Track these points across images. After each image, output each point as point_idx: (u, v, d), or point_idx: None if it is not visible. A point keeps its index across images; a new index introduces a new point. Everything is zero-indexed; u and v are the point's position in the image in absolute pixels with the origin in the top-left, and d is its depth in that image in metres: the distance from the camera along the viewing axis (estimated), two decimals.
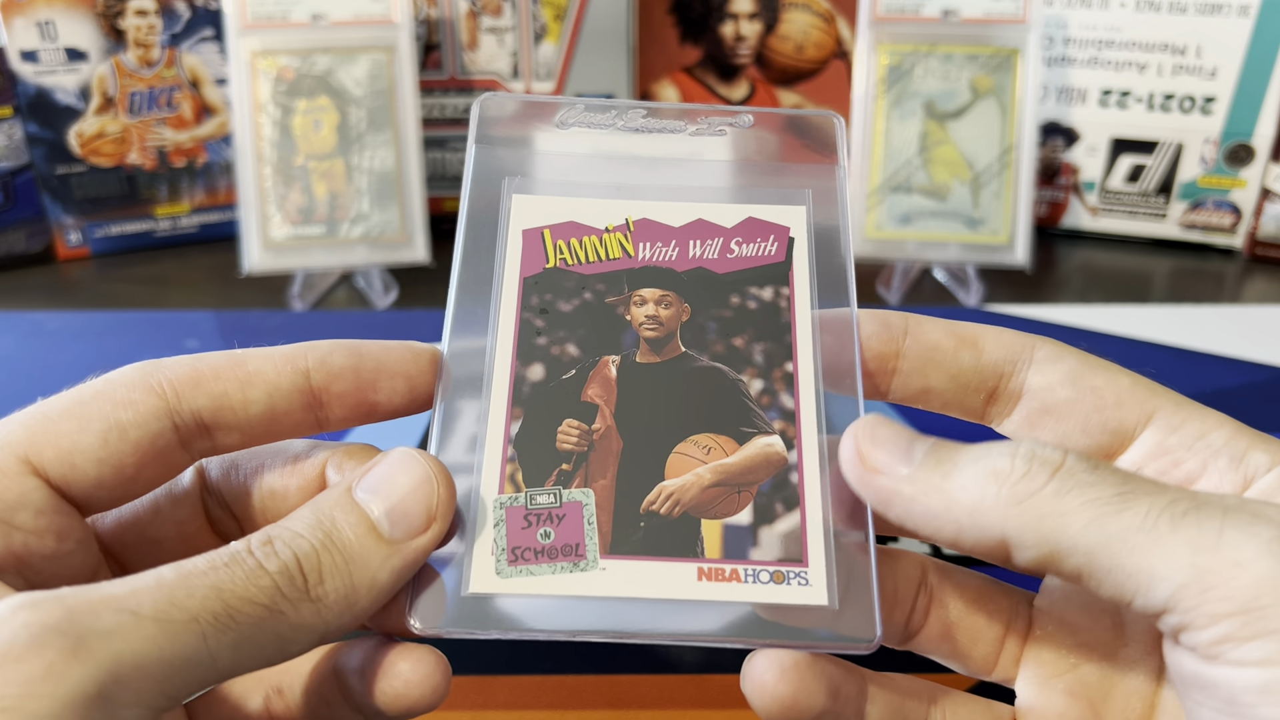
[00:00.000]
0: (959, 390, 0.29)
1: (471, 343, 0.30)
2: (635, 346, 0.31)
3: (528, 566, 0.27)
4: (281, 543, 0.24)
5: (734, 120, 0.34)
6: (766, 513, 0.28)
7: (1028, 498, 0.23)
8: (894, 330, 0.29)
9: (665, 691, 0.41)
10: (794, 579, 0.27)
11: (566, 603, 0.26)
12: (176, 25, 0.78)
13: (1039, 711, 0.28)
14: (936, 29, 0.75)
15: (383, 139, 0.74)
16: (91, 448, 0.26)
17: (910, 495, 0.25)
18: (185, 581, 0.22)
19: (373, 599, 0.25)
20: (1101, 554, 0.22)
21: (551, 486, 0.28)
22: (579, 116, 0.34)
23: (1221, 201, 0.81)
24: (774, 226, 0.33)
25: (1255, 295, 0.78)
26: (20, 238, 0.79)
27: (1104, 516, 0.22)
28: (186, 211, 0.83)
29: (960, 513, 0.24)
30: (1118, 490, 0.23)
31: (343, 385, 0.28)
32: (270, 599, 0.23)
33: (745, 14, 0.84)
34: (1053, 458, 0.24)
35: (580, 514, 0.28)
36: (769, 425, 0.29)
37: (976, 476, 0.24)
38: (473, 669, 0.42)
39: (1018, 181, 0.74)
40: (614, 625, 0.26)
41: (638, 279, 0.32)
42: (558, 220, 0.32)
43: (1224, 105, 0.78)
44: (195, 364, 0.27)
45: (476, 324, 0.31)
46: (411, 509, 0.26)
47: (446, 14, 0.82)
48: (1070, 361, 0.29)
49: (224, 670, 0.22)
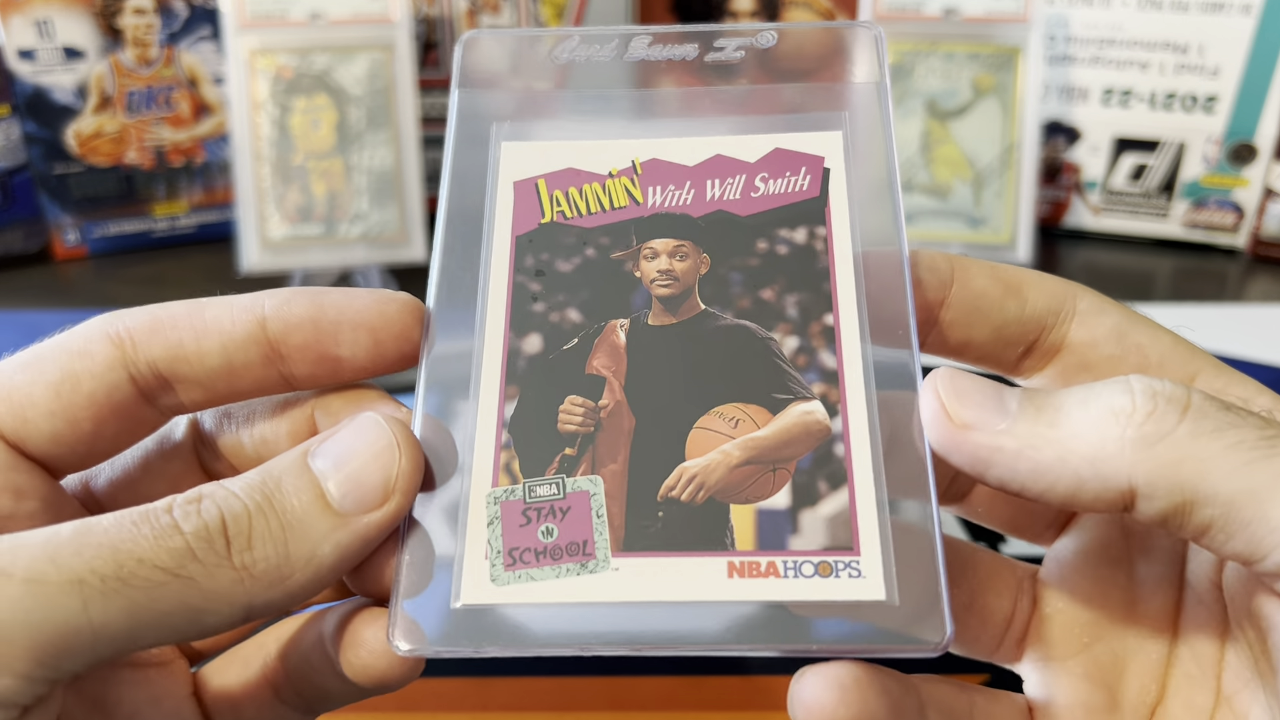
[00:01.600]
0: (999, 344, 0.27)
1: (458, 313, 0.26)
2: (647, 307, 0.27)
3: (528, 570, 0.23)
4: (211, 501, 0.21)
5: (753, 40, 0.29)
6: (808, 493, 0.24)
7: (1160, 440, 0.21)
8: (941, 274, 0.27)
9: (665, 692, 0.41)
10: (844, 570, 0.23)
11: (574, 610, 0.23)
12: (174, 24, 0.78)
13: (1055, 698, 0.27)
14: (938, 27, 0.75)
15: (381, 138, 0.74)
16: (44, 400, 0.24)
17: (1015, 450, 0.22)
18: (76, 539, 0.20)
19: (310, 575, 0.22)
20: (1246, 504, 0.20)
21: (553, 475, 0.24)
22: (575, 50, 0.29)
23: (1224, 201, 0.81)
24: (805, 157, 0.28)
25: (1258, 295, 0.77)
26: (18, 237, 0.79)
27: (1252, 463, 0.20)
28: (184, 211, 0.83)
29: (1078, 463, 0.21)
30: (1264, 434, 0.20)
31: (301, 336, 0.25)
32: (177, 562, 0.20)
33: (745, 12, 0.83)
34: (1179, 394, 0.21)
35: (588, 506, 0.24)
36: (807, 389, 0.25)
37: (1092, 419, 0.21)
38: (472, 670, 0.42)
39: (1020, 181, 0.74)
40: (630, 635, 0.23)
41: (647, 229, 0.28)
42: (554, 168, 0.28)
43: (1227, 104, 0.78)
44: (156, 312, 0.25)
45: (463, 292, 0.27)
46: (367, 479, 0.23)
47: (445, 12, 0.81)
48: (1114, 315, 0.27)
49: (116, 640, 0.20)
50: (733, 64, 0.30)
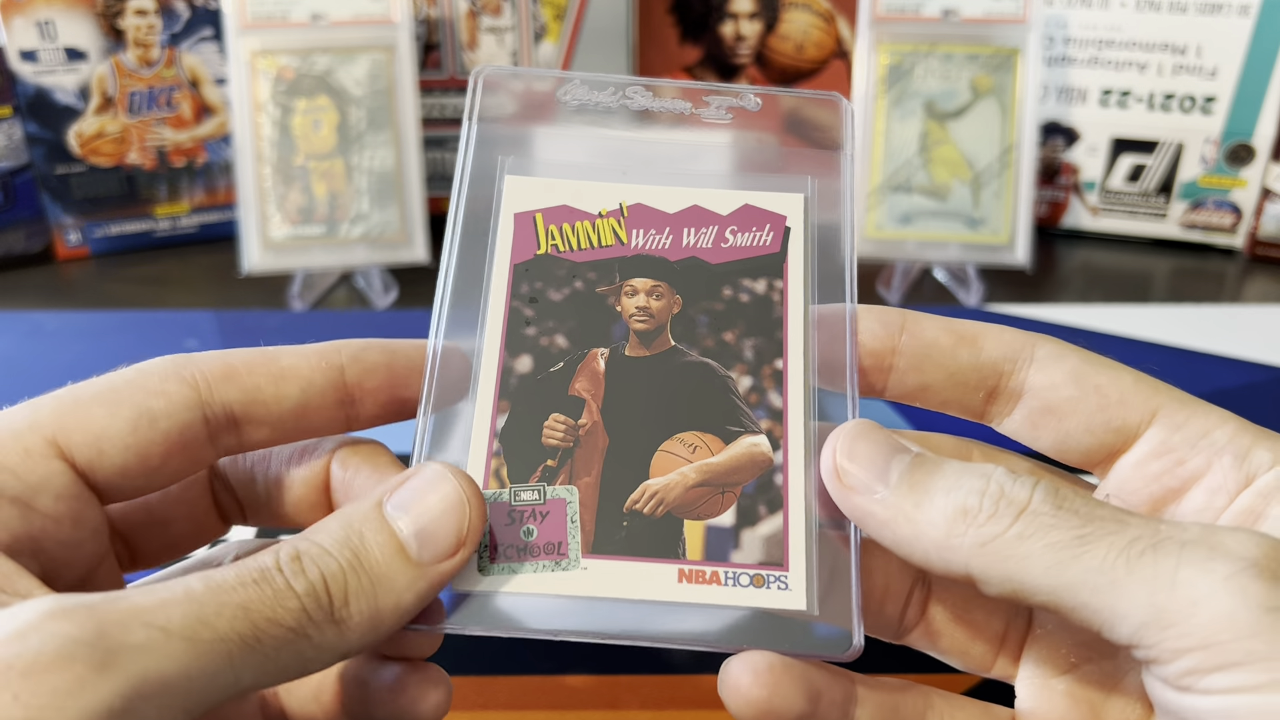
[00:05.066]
0: (957, 388, 0.29)
1: (462, 333, 0.29)
2: (625, 339, 0.30)
3: (510, 564, 0.27)
4: (309, 559, 0.23)
5: (739, 101, 0.32)
6: (750, 514, 0.28)
7: (991, 540, 0.24)
8: (890, 327, 0.29)
9: (665, 691, 0.41)
10: (774, 583, 0.27)
11: (548, 602, 0.26)
12: (176, 25, 0.78)
13: (1039, 714, 0.28)
14: (937, 29, 0.75)
15: (382, 139, 0.74)
16: (120, 434, 0.25)
17: (883, 520, 0.25)
18: (214, 598, 0.21)
19: (396, 621, 0.24)
20: (1065, 595, 0.23)
21: (536, 483, 0.28)
22: (577, 93, 0.32)
23: (1222, 201, 0.81)
24: (770, 215, 0.31)
25: (1256, 295, 0.78)
26: (20, 237, 0.79)
27: (1064, 561, 0.23)
28: (186, 211, 0.83)
29: (928, 545, 0.24)
30: (1077, 533, 0.23)
31: (376, 381, 0.28)
32: (297, 621, 0.22)
33: (745, 13, 0.84)
34: (1019, 497, 0.24)
35: (564, 512, 0.27)
36: (755, 424, 0.29)
37: (946, 512, 0.24)
38: (473, 669, 0.42)
39: (1018, 181, 0.74)
40: (595, 626, 0.26)
41: (630, 268, 0.31)
42: (551, 204, 0.31)
43: (1224, 105, 0.78)
44: (228, 358, 0.27)
45: (468, 313, 0.30)
46: (441, 531, 0.25)
47: (446, 13, 0.82)
48: (1073, 359, 0.28)
49: (245, 687, 0.22)
50: (719, 122, 0.32)
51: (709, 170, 0.32)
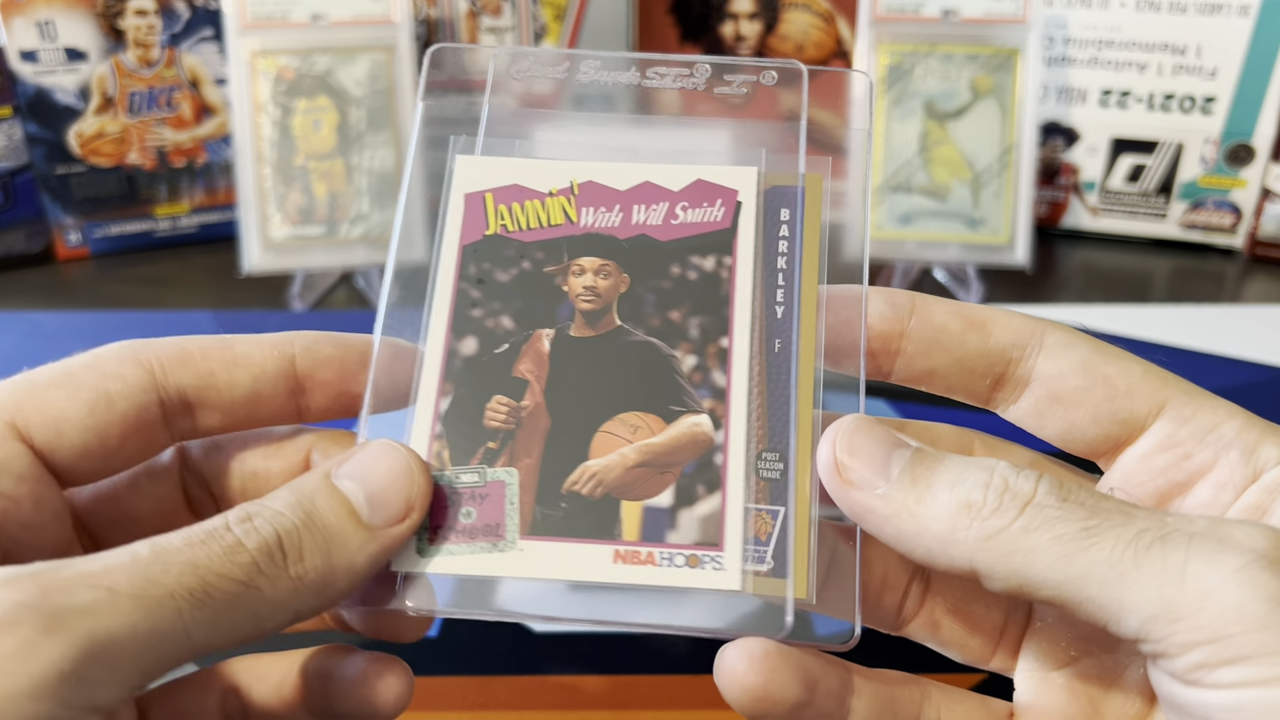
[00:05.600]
0: (964, 374, 0.29)
1: (408, 317, 0.29)
2: (571, 320, 0.29)
3: (448, 545, 0.27)
4: (262, 519, 0.24)
5: (690, 73, 0.31)
6: (688, 494, 0.27)
7: (996, 534, 0.23)
8: (900, 309, 0.29)
9: (665, 691, 0.41)
10: (709, 563, 0.27)
11: (485, 583, 0.27)
12: (176, 25, 0.78)
13: (1038, 708, 0.28)
14: (936, 29, 0.75)
15: (382, 139, 0.74)
16: (78, 416, 0.26)
17: (885, 515, 0.25)
18: (161, 557, 0.22)
19: (349, 582, 0.25)
20: (1071, 589, 0.23)
21: (476, 465, 0.28)
22: (529, 69, 0.31)
23: (1222, 201, 0.81)
24: (721, 189, 0.30)
25: (1255, 295, 0.78)
26: (20, 238, 0.79)
27: (1071, 554, 0.23)
28: (186, 211, 0.83)
29: (931, 540, 0.24)
30: (1084, 525, 0.23)
31: (327, 373, 0.29)
32: (248, 575, 0.23)
33: (745, 14, 0.84)
34: (1024, 490, 0.24)
35: (502, 494, 0.27)
36: (698, 404, 0.28)
37: (950, 506, 0.24)
38: (473, 669, 0.42)
39: (1018, 181, 0.74)
40: (531, 608, 0.27)
41: (578, 247, 0.30)
42: (501, 183, 0.31)
43: (1224, 105, 0.78)
44: (183, 344, 0.28)
45: (415, 294, 0.30)
46: (391, 497, 0.26)
47: (446, 14, 0.82)
48: (1082, 348, 0.28)
49: (198, 647, 0.22)
50: (671, 93, 0.31)
51: (663, 145, 0.31)
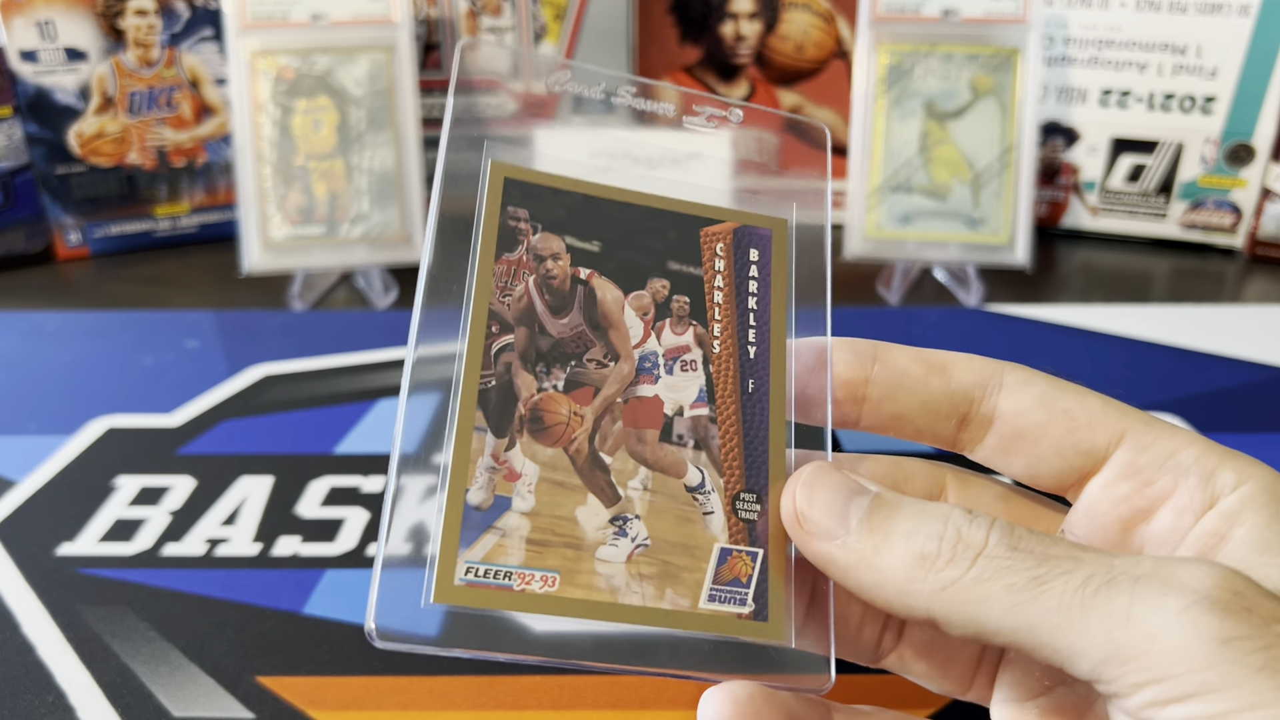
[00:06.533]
0: (930, 416, 0.30)
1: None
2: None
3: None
4: None
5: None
6: None
7: (951, 585, 0.24)
8: (863, 357, 0.30)
9: (665, 691, 0.41)
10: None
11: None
12: (176, 25, 0.78)
13: None
14: (936, 29, 0.75)
15: (383, 139, 0.74)
16: None
17: (844, 566, 0.26)
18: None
19: None
20: (1024, 635, 0.23)
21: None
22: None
23: (1222, 201, 0.81)
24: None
25: (1256, 295, 0.78)
26: (20, 237, 0.79)
27: (1022, 603, 0.23)
28: (186, 211, 0.83)
29: (890, 590, 0.25)
30: (1033, 574, 0.23)
31: None
32: None
33: (745, 13, 0.84)
34: (976, 540, 0.24)
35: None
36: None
37: (905, 558, 0.25)
38: (473, 669, 0.42)
39: (1018, 181, 0.74)
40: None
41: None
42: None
43: (1224, 105, 0.78)
44: None
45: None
46: None
47: (446, 14, 0.82)
48: (1041, 385, 0.29)
49: None
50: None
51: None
